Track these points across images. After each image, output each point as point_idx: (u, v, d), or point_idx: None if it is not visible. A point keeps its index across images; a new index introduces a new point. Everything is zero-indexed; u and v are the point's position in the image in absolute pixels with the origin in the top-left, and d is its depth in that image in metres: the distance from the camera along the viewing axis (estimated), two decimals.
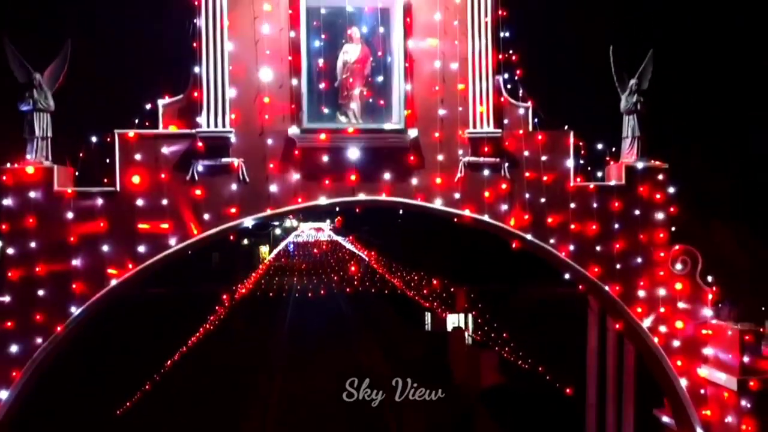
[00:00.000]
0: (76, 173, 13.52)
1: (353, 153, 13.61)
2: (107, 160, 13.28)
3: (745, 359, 13.46)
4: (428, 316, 48.03)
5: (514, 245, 14.63)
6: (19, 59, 13.18)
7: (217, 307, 36.02)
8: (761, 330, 13.82)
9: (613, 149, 15.10)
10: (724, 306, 14.79)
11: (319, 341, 43.45)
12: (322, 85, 13.67)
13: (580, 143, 14.65)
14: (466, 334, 38.93)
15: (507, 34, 14.27)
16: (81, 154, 13.47)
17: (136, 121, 13.44)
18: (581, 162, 14.75)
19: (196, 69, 13.25)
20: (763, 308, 16.46)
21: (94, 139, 13.46)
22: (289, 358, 39.18)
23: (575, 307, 21.70)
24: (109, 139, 13.31)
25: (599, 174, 15.11)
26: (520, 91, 14.48)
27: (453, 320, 42.50)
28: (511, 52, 14.34)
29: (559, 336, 25.66)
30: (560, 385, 24.11)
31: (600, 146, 15.07)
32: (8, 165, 12.99)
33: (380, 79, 13.87)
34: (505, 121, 14.21)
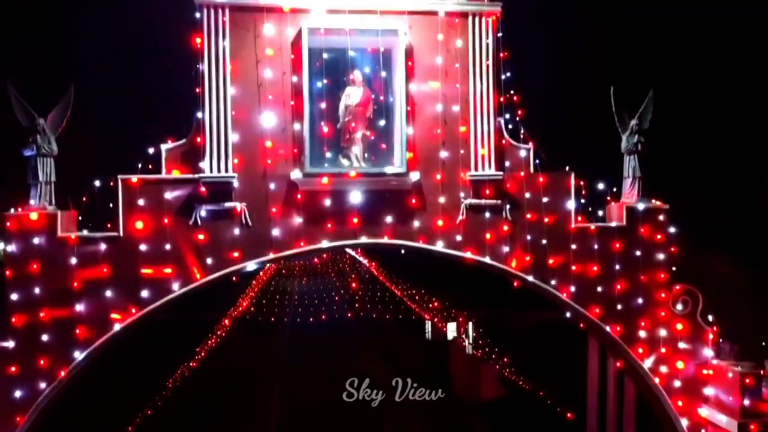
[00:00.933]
0: (79, 218, 13.57)
1: (355, 196, 13.67)
2: (110, 205, 13.33)
3: (746, 402, 13.55)
4: (428, 325, 48.04)
5: (515, 284, 14.72)
6: (22, 104, 13.25)
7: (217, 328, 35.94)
8: (761, 372, 13.88)
9: (614, 189, 15.17)
10: (725, 344, 14.87)
11: (318, 349, 43.25)
12: (324, 129, 13.72)
13: (581, 183, 14.71)
14: (466, 342, 38.96)
15: (508, 74, 14.37)
16: (84, 199, 13.53)
17: (139, 165, 13.49)
18: (582, 201, 14.82)
19: (199, 114, 13.30)
20: (763, 344, 16.56)
21: (97, 183, 13.51)
22: (289, 367, 39.10)
23: (577, 330, 21.76)
24: (112, 183, 13.36)
25: (600, 213, 15.18)
26: (521, 131, 14.56)
27: (453, 328, 42.51)
28: (512, 92, 14.42)
29: (561, 358, 25.66)
30: (561, 409, 24.15)
31: (601, 186, 15.14)
32: (12, 210, 13.04)
33: (382, 123, 13.93)
34: (507, 163, 14.28)
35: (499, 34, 14.18)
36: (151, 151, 13.48)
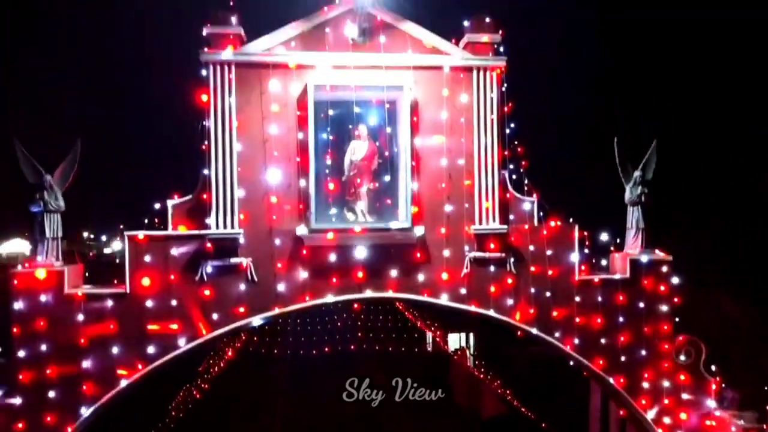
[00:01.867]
0: (86, 273, 13.65)
1: (360, 251, 13.73)
2: (117, 260, 13.39)
3: None
4: (429, 336, 47.96)
5: (518, 334, 14.79)
6: (30, 161, 13.34)
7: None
8: (765, 427, 13.95)
9: (617, 240, 15.25)
10: (727, 392, 14.95)
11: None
12: (330, 186, 13.81)
13: (585, 233, 14.78)
14: (467, 352, 38.92)
15: (512, 125, 14.45)
16: (91, 254, 13.59)
17: (146, 220, 13.58)
18: (586, 251, 14.89)
19: (205, 171, 13.39)
20: (766, 388, 16.62)
21: (104, 237, 13.58)
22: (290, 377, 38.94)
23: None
24: (119, 238, 13.43)
25: (604, 262, 15.26)
26: (525, 182, 14.63)
27: (454, 338, 42.39)
28: (516, 143, 14.50)
29: (563, 389, 25.70)
30: None
31: (604, 236, 15.22)
32: (19, 267, 13.12)
33: (387, 178, 14.01)
34: (511, 216, 14.34)
35: (504, 88, 14.25)
36: (157, 206, 13.56)
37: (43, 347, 12.92)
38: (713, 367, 14.92)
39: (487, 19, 14.39)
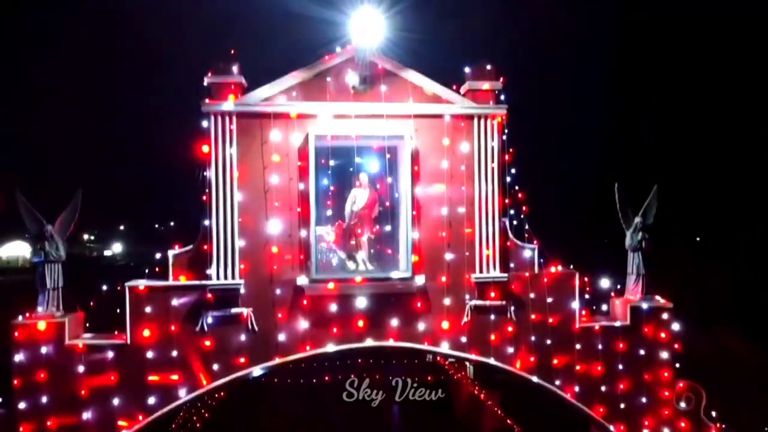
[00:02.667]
0: (86, 324, 13.66)
1: (361, 301, 13.74)
2: (117, 310, 13.42)
3: None
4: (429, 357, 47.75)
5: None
6: (31, 212, 13.35)
7: None
8: None
9: (618, 286, 15.27)
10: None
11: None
12: (331, 236, 13.82)
13: (585, 279, 14.78)
14: (467, 363, 38.65)
15: (513, 171, 14.45)
16: (92, 303, 13.62)
17: (146, 270, 13.58)
18: (586, 296, 14.89)
19: (206, 222, 13.39)
20: (766, 429, 16.62)
21: (104, 287, 13.60)
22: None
23: None
24: (119, 288, 13.44)
25: (604, 307, 15.27)
26: (526, 227, 14.64)
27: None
28: (516, 188, 14.51)
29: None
30: None
31: (605, 281, 15.23)
32: (20, 318, 13.12)
33: (388, 228, 14.02)
34: (512, 264, 14.34)
35: (504, 136, 14.27)
36: (158, 256, 13.56)
37: (44, 399, 12.92)
38: (714, 413, 14.91)
39: (488, 66, 14.42)
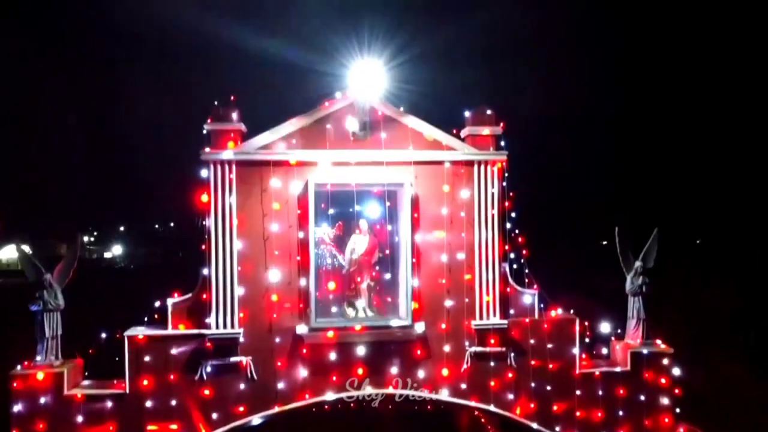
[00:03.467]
0: (86, 372, 13.64)
1: (361, 349, 13.70)
2: (116, 358, 13.39)
3: None
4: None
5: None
6: (31, 261, 13.33)
7: None
8: None
9: (618, 330, 15.24)
10: None
11: None
12: (331, 285, 13.79)
13: (586, 323, 14.75)
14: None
15: (513, 215, 14.42)
16: (90, 351, 13.60)
17: (146, 318, 13.55)
18: (586, 340, 14.87)
19: (205, 271, 13.35)
20: None
21: (103, 335, 13.58)
22: None
23: None
24: (118, 336, 13.42)
25: (604, 351, 15.24)
26: (526, 272, 14.60)
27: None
28: (516, 231, 14.47)
29: None
30: None
31: (605, 325, 15.20)
32: (18, 368, 13.09)
33: (388, 276, 13.99)
34: (512, 310, 14.30)
35: (504, 183, 14.24)
36: (157, 304, 13.53)
37: None
38: None
39: (488, 111, 14.39)
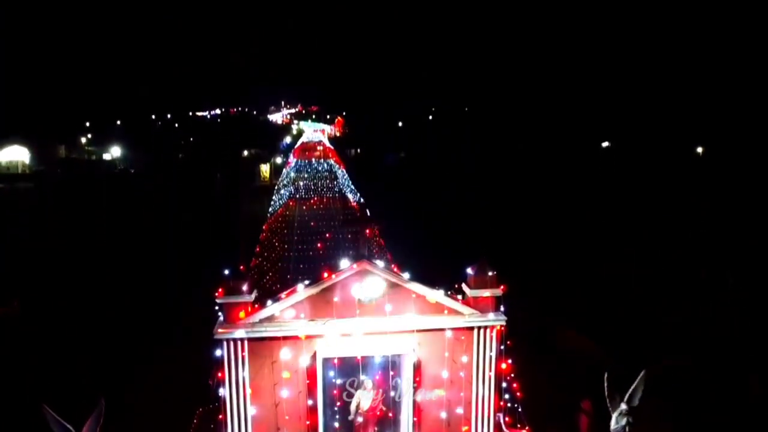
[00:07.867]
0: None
1: None
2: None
3: None
4: None
5: None
6: (57, 421, 14.27)
7: None
8: None
9: None
10: None
11: None
12: None
13: None
14: None
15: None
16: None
17: None
18: None
19: None
20: None
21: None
22: None
23: None
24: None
25: None
26: (519, 409, 15.70)
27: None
28: (512, 376, 15.43)
29: None
30: None
31: None
32: None
33: None
34: None
35: (503, 345, 15.00)
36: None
37: None
38: None
39: (490, 273, 14.89)
